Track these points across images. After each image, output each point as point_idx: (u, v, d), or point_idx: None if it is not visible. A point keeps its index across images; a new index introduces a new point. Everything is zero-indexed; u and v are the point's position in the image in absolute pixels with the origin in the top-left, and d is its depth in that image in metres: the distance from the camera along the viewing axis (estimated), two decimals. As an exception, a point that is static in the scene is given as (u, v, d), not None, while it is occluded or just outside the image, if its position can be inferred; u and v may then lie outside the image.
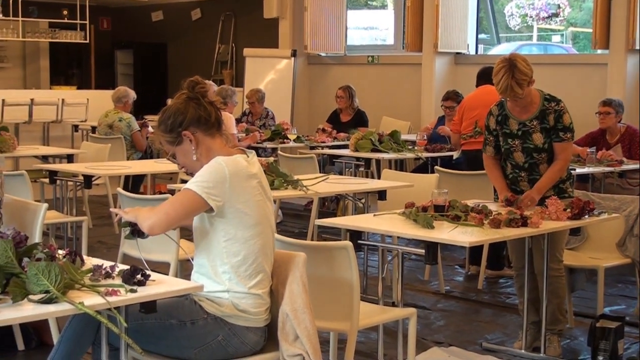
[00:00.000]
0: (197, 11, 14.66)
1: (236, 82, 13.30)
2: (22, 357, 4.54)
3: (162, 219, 3.08)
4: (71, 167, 7.09)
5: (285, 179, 5.48)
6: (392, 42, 12.15)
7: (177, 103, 3.24)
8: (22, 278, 2.67)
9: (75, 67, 16.26)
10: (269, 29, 12.63)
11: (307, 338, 3.14)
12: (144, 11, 15.34)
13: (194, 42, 14.65)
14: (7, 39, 13.16)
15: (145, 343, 3.05)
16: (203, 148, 3.22)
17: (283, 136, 8.93)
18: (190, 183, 3.11)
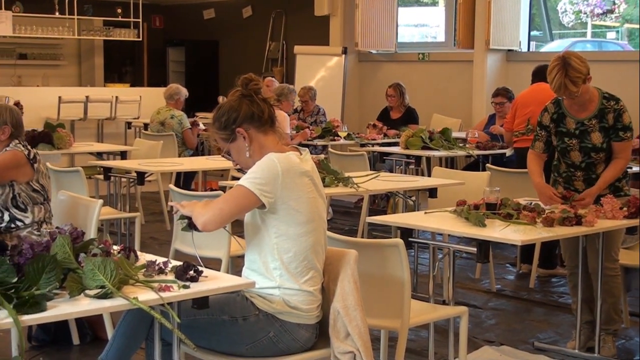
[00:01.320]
0: (248, 9, 14.74)
1: (286, 79, 13.34)
2: (77, 352, 4.61)
3: (216, 215, 3.11)
4: (125, 164, 7.18)
5: (336, 176, 5.49)
6: (443, 39, 12.08)
7: (230, 100, 3.26)
8: (78, 273, 2.71)
9: (129, 64, 16.46)
10: (320, 26, 12.64)
11: (358, 335, 3.14)
12: (195, 9, 15.47)
13: (245, 39, 14.73)
14: (63, 37, 13.36)
15: (197, 339, 3.08)
16: (256, 145, 3.24)
17: (334, 133, 8.93)
18: (243, 179, 3.13)
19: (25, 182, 4.37)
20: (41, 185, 4.43)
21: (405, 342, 3.51)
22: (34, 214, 4.39)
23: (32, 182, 4.39)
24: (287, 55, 14.05)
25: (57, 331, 4.61)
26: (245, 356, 3.18)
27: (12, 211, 4.37)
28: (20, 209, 4.37)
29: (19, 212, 4.37)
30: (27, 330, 4.46)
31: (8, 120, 4.40)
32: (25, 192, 4.37)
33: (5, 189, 4.35)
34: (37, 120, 10.37)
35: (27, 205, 4.38)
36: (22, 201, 4.36)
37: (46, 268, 2.60)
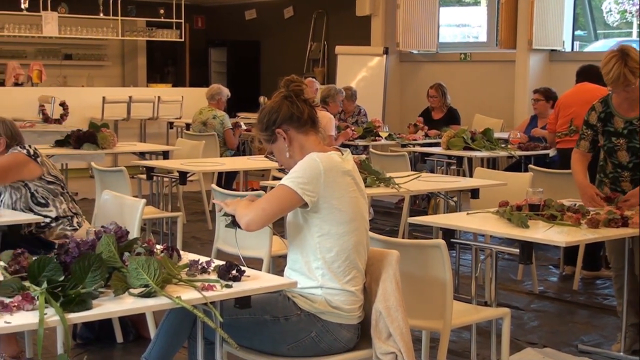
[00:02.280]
0: (289, 9, 14.78)
1: (328, 79, 13.36)
2: (121, 350, 4.65)
3: (259, 215, 3.12)
4: (167, 164, 7.24)
5: (378, 176, 5.49)
6: (485, 39, 12.01)
7: (272, 101, 3.28)
8: (123, 272, 2.74)
9: (171, 65, 16.58)
10: (361, 26, 12.64)
11: (400, 336, 3.14)
12: (237, 10, 15.55)
13: (287, 40, 14.78)
14: (107, 38, 13.50)
15: (239, 338, 3.10)
16: (296, 145, 3.25)
17: (375, 134, 8.93)
18: (285, 179, 3.14)
19: (37, 177, 4.44)
20: (54, 176, 4.50)
21: (447, 343, 3.49)
22: (57, 208, 4.46)
23: (44, 175, 4.46)
24: (328, 56, 14.07)
25: (101, 329, 4.66)
26: (287, 356, 3.19)
27: (35, 210, 4.44)
28: (41, 205, 4.45)
29: (41, 208, 4.45)
30: (72, 328, 4.51)
31: (2, 132, 4.48)
32: (41, 187, 4.45)
33: (22, 190, 4.42)
34: (82, 120, 10.49)
35: (47, 199, 4.45)
36: (41, 196, 4.44)
37: (92, 267, 2.64)
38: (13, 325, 2.43)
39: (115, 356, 4.58)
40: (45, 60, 13.80)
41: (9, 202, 4.44)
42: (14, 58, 13.20)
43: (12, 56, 13.55)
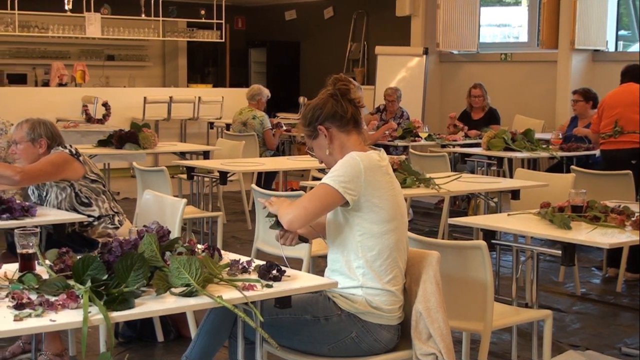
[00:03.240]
0: (329, 10, 14.79)
1: (367, 80, 13.34)
2: (162, 349, 4.68)
3: (301, 213, 3.13)
4: (208, 164, 7.27)
5: (417, 177, 5.47)
6: (526, 39, 11.92)
7: (318, 98, 3.31)
8: (165, 271, 2.76)
9: (211, 65, 16.67)
10: (401, 26, 12.61)
11: (440, 337, 3.12)
12: (277, 10, 15.59)
13: (326, 40, 14.79)
14: (148, 39, 13.61)
15: (280, 338, 3.10)
16: (337, 143, 3.26)
17: (414, 134, 8.90)
18: (326, 178, 3.15)
19: (81, 176, 4.49)
20: (96, 174, 4.56)
21: (487, 344, 3.48)
22: (99, 207, 4.51)
23: (87, 174, 4.52)
24: (368, 56, 14.05)
25: (142, 328, 4.70)
26: (327, 356, 3.19)
27: (79, 209, 4.49)
28: (85, 204, 4.50)
29: (85, 208, 4.50)
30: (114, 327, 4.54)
31: (43, 133, 4.53)
32: (85, 186, 4.50)
33: (67, 190, 4.47)
34: (124, 120, 10.60)
35: (90, 198, 4.50)
36: (84, 196, 4.49)
37: (134, 266, 2.66)
38: (58, 323, 2.46)
39: (156, 355, 4.62)
40: (88, 60, 13.96)
41: (54, 203, 4.50)
42: (58, 59, 13.36)
43: (56, 57, 13.73)
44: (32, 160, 4.50)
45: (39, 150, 4.51)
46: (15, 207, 4.03)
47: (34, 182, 4.48)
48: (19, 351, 4.36)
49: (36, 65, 13.64)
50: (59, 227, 4.25)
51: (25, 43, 13.64)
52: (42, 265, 2.90)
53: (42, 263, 2.91)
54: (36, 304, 2.52)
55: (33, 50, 13.94)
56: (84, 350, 2.47)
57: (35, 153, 4.50)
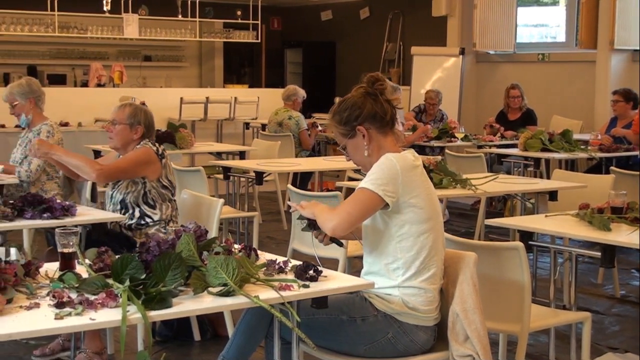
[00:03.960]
0: (365, 10, 14.77)
1: (403, 80, 13.31)
2: (198, 348, 4.71)
3: (345, 219, 3.10)
4: (244, 164, 7.31)
5: (454, 177, 5.45)
6: (564, 39, 11.82)
7: (355, 96, 3.25)
8: (202, 271, 2.78)
9: (247, 66, 16.73)
10: (437, 27, 12.57)
11: (477, 339, 3.11)
12: (313, 11, 15.61)
13: (362, 40, 14.77)
14: (185, 39, 13.69)
15: (316, 338, 3.10)
16: (375, 144, 3.24)
17: (450, 135, 8.87)
18: (365, 182, 3.13)
19: (156, 178, 4.51)
20: (169, 181, 4.56)
21: (525, 346, 3.46)
22: (162, 211, 4.52)
23: (162, 178, 4.52)
24: (404, 56, 14.02)
25: (179, 327, 4.72)
26: (363, 357, 3.18)
27: (142, 207, 4.51)
28: (150, 205, 4.51)
29: (148, 208, 4.51)
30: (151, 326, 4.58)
31: (142, 120, 4.56)
32: (155, 188, 4.51)
33: (138, 185, 4.49)
34: (160, 120, 10.64)
35: (156, 202, 4.51)
36: (152, 198, 4.50)
37: (172, 265, 2.68)
38: (97, 322, 2.48)
39: (192, 354, 4.64)
40: (125, 61, 14.06)
41: (122, 191, 4.52)
42: (96, 59, 13.49)
43: (94, 57, 13.85)
44: (125, 142, 4.54)
45: (134, 136, 4.54)
46: (56, 206, 4.07)
47: (111, 180, 4.52)
48: (59, 349, 4.40)
49: (75, 66, 13.79)
50: (98, 226, 4.29)
51: (64, 44, 13.78)
52: (82, 264, 2.93)
53: (81, 262, 2.94)
54: (76, 303, 2.55)
55: (72, 51, 14.09)
56: (122, 348, 2.49)
57: (130, 137, 4.54)
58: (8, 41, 13.04)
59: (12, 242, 4.38)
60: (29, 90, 5.53)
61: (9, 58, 13.37)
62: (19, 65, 13.17)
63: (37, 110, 5.57)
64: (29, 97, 5.52)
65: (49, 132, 5.48)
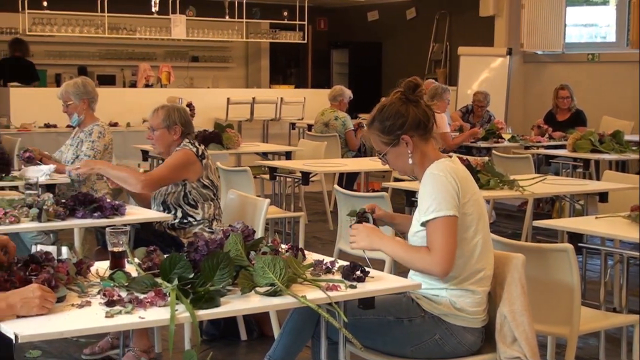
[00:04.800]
0: (412, 10, 14.72)
1: (449, 81, 13.23)
2: (245, 347, 4.73)
3: (448, 257, 3.03)
4: (290, 164, 7.32)
5: (501, 178, 5.41)
6: (614, 39, 11.66)
7: (396, 104, 3.20)
8: (249, 271, 2.79)
9: (293, 66, 16.76)
10: (484, 27, 12.48)
11: (525, 341, 3.09)
12: (360, 11, 15.59)
13: (409, 41, 14.72)
14: (231, 40, 13.76)
15: (362, 338, 3.09)
16: (418, 152, 3.20)
17: (497, 136, 8.80)
18: (437, 211, 3.04)
19: (196, 179, 4.53)
20: (210, 180, 4.58)
21: (574, 349, 3.42)
22: (204, 211, 4.55)
23: (202, 178, 4.55)
24: (450, 57, 13.95)
25: (226, 326, 4.75)
26: (410, 358, 3.18)
27: (184, 208, 4.54)
28: (191, 205, 4.54)
29: (190, 208, 4.54)
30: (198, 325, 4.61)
31: (177, 119, 4.58)
32: (196, 189, 4.53)
33: (178, 187, 4.53)
34: (207, 120, 10.73)
35: (197, 202, 4.54)
36: (192, 198, 4.53)
37: (220, 265, 2.69)
38: (146, 320, 2.51)
39: (239, 353, 4.67)
40: (173, 62, 14.18)
41: (163, 192, 4.56)
42: (144, 60, 13.61)
43: (143, 58, 13.98)
44: (167, 146, 4.58)
45: (174, 137, 4.57)
46: (106, 205, 4.12)
47: (156, 189, 4.54)
48: (108, 347, 4.46)
49: (124, 67, 13.93)
50: (146, 226, 4.33)
51: (113, 45, 13.94)
52: (131, 263, 2.97)
53: (131, 261, 2.98)
54: (126, 301, 2.58)
55: (121, 52, 14.24)
56: (171, 347, 2.51)
57: (170, 139, 4.58)
58: (60, 42, 13.22)
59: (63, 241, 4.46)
60: (83, 91, 5.60)
61: (60, 59, 13.56)
62: (70, 66, 13.35)
63: (90, 111, 5.64)
64: (83, 98, 5.59)
65: (100, 132, 5.54)
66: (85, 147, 5.50)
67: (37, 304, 2.45)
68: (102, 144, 5.51)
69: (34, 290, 2.47)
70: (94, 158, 5.44)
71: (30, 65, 11.92)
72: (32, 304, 2.45)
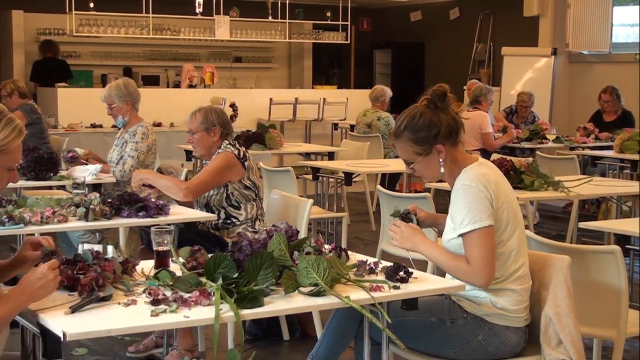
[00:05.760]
0: (455, 10, 14.65)
1: (493, 81, 13.14)
2: (287, 347, 4.74)
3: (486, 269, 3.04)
4: (333, 165, 7.33)
5: (546, 179, 5.37)
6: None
7: (428, 114, 3.17)
8: (293, 271, 2.80)
9: (336, 66, 16.76)
10: (529, 27, 12.38)
11: (571, 343, 3.06)
12: (403, 11, 15.54)
13: (452, 41, 14.65)
14: (274, 41, 13.80)
15: (405, 339, 3.08)
16: (449, 159, 3.19)
17: (542, 136, 8.73)
18: (474, 222, 3.04)
19: (238, 180, 4.55)
20: (252, 182, 4.60)
21: (621, 352, 3.39)
22: (247, 211, 4.56)
23: (244, 179, 4.56)
24: (494, 57, 13.85)
25: (269, 326, 4.77)
26: (453, 359, 3.17)
27: (227, 210, 4.56)
28: (234, 206, 4.56)
29: (233, 210, 4.56)
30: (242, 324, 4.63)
31: (215, 121, 4.60)
32: (237, 190, 4.55)
33: (220, 189, 4.54)
34: (250, 121, 10.78)
35: (240, 203, 4.56)
36: (235, 199, 4.55)
37: (264, 265, 2.70)
38: (191, 319, 2.53)
39: (282, 353, 4.68)
40: (216, 62, 14.25)
41: (205, 194, 4.58)
42: (188, 60, 13.71)
43: (187, 59, 14.08)
44: (207, 148, 4.61)
45: (213, 139, 4.59)
46: (151, 205, 4.16)
47: (199, 195, 4.55)
48: (152, 345, 4.50)
49: (168, 67, 14.04)
50: (189, 226, 4.36)
51: (158, 45, 14.05)
52: (176, 262, 2.99)
53: (175, 260, 3.00)
54: (171, 300, 2.60)
55: (165, 53, 14.35)
56: (215, 346, 2.52)
57: (210, 141, 4.59)
58: (105, 43, 13.37)
59: (108, 240, 4.51)
60: (126, 92, 5.64)
61: (106, 59, 13.71)
62: (116, 66, 13.49)
63: (134, 111, 5.69)
64: (126, 100, 5.63)
65: (144, 133, 5.58)
66: (129, 148, 5.55)
67: (52, 286, 2.51)
68: (145, 145, 5.56)
69: (45, 274, 2.50)
70: (137, 159, 5.49)
71: (63, 64, 12.16)
72: (49, 286, 2.50)
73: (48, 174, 5.47)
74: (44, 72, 11.88)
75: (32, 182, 5.45)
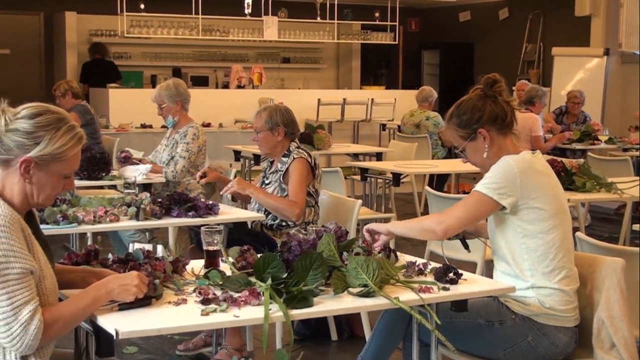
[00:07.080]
0: (504, 10, 14.54)
1: (543, 82, 13.02)
2: (335, 347, 4.74)
3: (454, 223, 3.14)
4: (381, 165, 7.32)
5: (598, 181, 5.30)
6: None
7: (473, 99, 3.23)
8: (342, 271, 2.80)
9: (384, 67, 16.74)
10: (580, 27, 12.24)
11: (624, 347, 3.02)
12: (451, 11, 15.46)
13: (501, 41, 14.54)
14: (323, 41, 13.83)
15: (454, 341, 3.06)
16: (495, 147, 3.20)
17: (593, 137, 8.62)
18: (480, 185, 3.12)
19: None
20: (315, 189, 4.59)
21: (674, 357, 3.32)
22: (304, 216, 4.55)
23: (309, 186, 4.55)
24: (544, 57, 13.72)
25: (317, 326, 4.77)
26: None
27: None
28: None
29: None
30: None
31: (280, 121, 4.59)
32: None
33: (284, 192, 4.54)
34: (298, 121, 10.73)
35: None
36: None
37: (313, 265, 2.71)
38: (241, 319, 2.55)
39: (330, 353, 4.68)
40: (265, 63, 14.31)
41: None
42: (237, 61, 13.78)
43: (235, 60, 14.16)
44: (271, 147, 4.61)
45: (277, 138, 4.60)
46: (200, 205, 4.19)
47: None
48: (201, 344, 4.52)
49: (217, 68, 14.14)
50: (239, 226, 4.38)
51: (207, 46, 14.16)
52: (226, 262, 3.01)
53: (225, 260, 3.02)
54: (221, 300, 2.61)
55: (214, 53, 14.45)
56: (264, 346, 2.53)
57: (274, 140, 4.60)
58: (155, 44, 13.51)
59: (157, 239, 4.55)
60: (176, 93, 5.69)
61: (156, 60, 13.86)
62: (165, 67, 13.63)
63: (183, 112, 5.73)
64: (176, 100, 5.68)
65: (194, 134, 5.62)
66: (180, 149, 5.59)
67: (133, 292, 2.51)
68: (196, 146, 5.60)
69: (133, 278, 2.53)
70: (188, 160, 5.54)
71: (112, 65, 12.35)
72: (130, 291, 2.50)
73: (100, 174, 5.54)
74: (94, 73, 12.08)
75: (85, 182, 5.52)
